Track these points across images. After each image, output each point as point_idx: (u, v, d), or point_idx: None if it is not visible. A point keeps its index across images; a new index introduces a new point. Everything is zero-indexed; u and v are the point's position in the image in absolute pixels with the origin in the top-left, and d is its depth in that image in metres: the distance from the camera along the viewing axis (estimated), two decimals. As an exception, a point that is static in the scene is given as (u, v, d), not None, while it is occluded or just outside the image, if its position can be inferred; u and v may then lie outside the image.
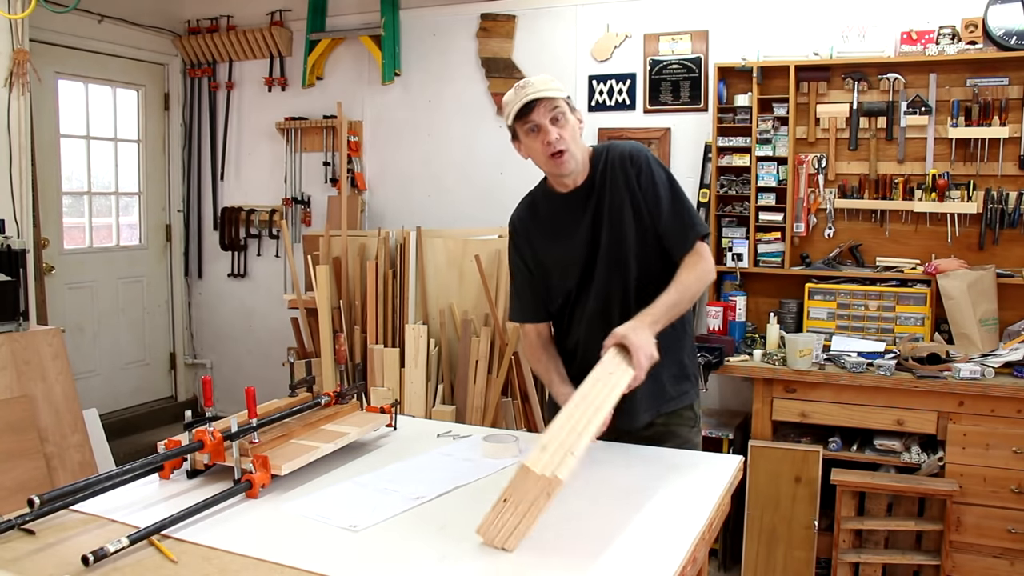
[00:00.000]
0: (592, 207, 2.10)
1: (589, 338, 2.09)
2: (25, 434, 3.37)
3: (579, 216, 2.12)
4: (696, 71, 4.15)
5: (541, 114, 1.99)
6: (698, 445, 2.21)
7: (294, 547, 1.46)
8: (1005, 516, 3.17)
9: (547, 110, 1.99)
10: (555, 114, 2.00)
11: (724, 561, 3.73)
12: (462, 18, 4.67)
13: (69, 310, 4.90)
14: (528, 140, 2.04)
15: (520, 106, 1.99)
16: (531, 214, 2.21)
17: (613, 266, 2.09)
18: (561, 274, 2.16)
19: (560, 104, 2.01)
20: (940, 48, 3.58)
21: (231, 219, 5.36)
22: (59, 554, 1.42)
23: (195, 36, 5.34)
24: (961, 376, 3.18)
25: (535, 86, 2.01)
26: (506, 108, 2.05)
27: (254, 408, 1.81)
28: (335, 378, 4.10)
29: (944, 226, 3.66)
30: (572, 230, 2.13)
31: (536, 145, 2.03)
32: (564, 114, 2.02)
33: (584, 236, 2.11)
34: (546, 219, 2.18)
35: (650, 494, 1.73)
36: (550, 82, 2.03)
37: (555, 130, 2.00)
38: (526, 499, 1.43)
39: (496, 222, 4.40)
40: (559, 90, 2.03)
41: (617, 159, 2.10)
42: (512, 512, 1.44)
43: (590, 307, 2.12)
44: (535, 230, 2.19)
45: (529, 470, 1.41)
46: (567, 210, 2.14)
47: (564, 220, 2.14)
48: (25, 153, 3.78)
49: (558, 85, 2.04)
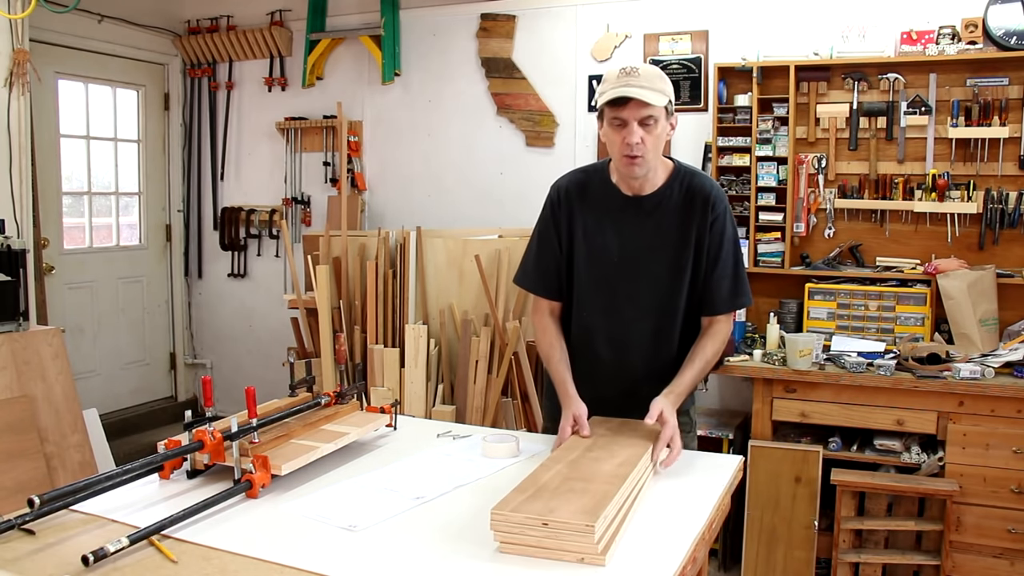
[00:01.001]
0: (654, 221, 2.07)
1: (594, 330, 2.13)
2: (25, 434, 3.37)
3: (637, 222, 2.08)
4: (696, 71, 4.15)
5: (632, 112, 1.92)
6: (693, 449, 2.21)
7: (294, 547, 1.46)
8: (1005, 516, 3.17)
9: (640, 109, 1.91)
10: (646, 116, 1.93)
11: (724, 561, 3.73)
12: (462, 18, 4.67)
13: (69, 310, 4.90)
14: (610, 130, 1.97)
15: (614, 96, 1.90)
16: (580, 191, 2.13)
17: (651, 284, 2.09)
18: (589, 264, 2.12)
19: (655, 111, 1.92)
20: (940, 48, 3.58)
21: (231, 219, 5.36)
22: (59, 554, 1.42)
23: (195, 36, 5.34)
24: (961, 376, 3.18)
25: (639, 80, 1.91)
26: (602, 86, 1.95)
27: (254, 408, 1.80)
28: (335, 378, 4.10)
29: (944, 226, 3.66)
30: (623, 230, 2.09)
31: (616, 139, 1.97)
32: (656, 120, 1.94)
33: (635, 243, 2.08)
34: (596, 204, 2.11)
35: (649, 494, 1.73)
36: (655, 80, 1.93)
37: (639, 132, 1.93)
38: (559, 543, 1.39)
39: (496, 222, 4.41)
40: (662, 92, 1.93)
41: (699, 194, 2.06)
42: (539, 535, 1.40)
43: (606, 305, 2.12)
44: (581, 208, 2.12)
45: (592, 530, 1.37)
46: (623, 209, 2.09)
47: (617, 216, 2.09)
48: (25, 153, 3.78)
49: (663, 85, 1.95)
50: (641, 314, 2.11)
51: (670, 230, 2.06)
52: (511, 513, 1.42)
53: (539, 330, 2.20)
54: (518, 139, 4.61)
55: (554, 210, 2.15)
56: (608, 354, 2.15)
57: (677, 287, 2.09)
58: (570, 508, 1.44)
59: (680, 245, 2.07)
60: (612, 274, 2.10)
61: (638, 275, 2.09)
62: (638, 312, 2.11)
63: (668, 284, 2.09)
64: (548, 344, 2.15)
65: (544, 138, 4.53)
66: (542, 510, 1.43)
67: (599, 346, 2.15)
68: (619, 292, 2.11)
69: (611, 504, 1.46)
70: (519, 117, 4.58)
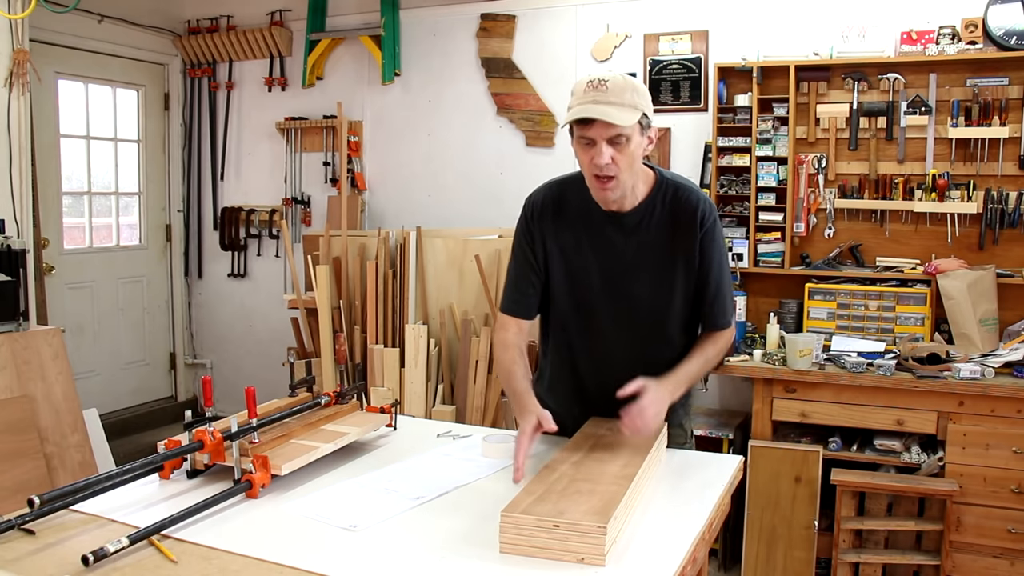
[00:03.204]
0: (636, 240, 1.93)
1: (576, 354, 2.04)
2: (25, 434, 3.37)
3: (618, 240, 1.94)
4: (696, 71, 4.15)
5: (599, 131, 1.76)
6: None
7: (294, 547, 1.46)
8: (1005, 516, 3.17)
9: (607, 128, 1.75)
10: (615, 135, 1.76)
11: (724, 561, 3.73)
12: (462, 18, 4.67)
13: (69, 310, 4.90)
14: (579, 149, 1.82)
15: (578, 117, 1.76)
16: (556, 207, 1.97)
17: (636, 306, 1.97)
18: (568, 286, 1.99)
19: (625, 129, 1.75)
20: (940, 48, 3.58)
21: (231, 219, 5.36)
22: (59, 554, 1.42)
23: (195, 36, 5.34)
24: (961, 376, 3.18)
25: (607, 95, 1.74)
26: (570, 100, 1.80)
27: (254, 408, 1.80)
28: (335, 378, 4.11)
29: (944, 226, 3.66)
30: (603, 250, 1.95)
31: (584, 159, 1.82)
32: (628, 138, 1.77)
33: (617, 264, 1.94)
34: (573, 221, 1.96)
35: (650, 494, 1.73)
36: (626, 94, 1.75)
37: (609, 152, 1.76)
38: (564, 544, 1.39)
39: (496, 222, 4.40)
40: (632, 107, 1.76)
41: (686, 209, 1.92)
42: (547, 536, 1.39)
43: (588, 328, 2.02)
44: (558, 226, 1.97)
45: (604, 531, 1.37)
46: (603, 227, 1.94)
47: (596, 235, 1.94)
48: (25, 153, 3.78)
49: (635, 99, 1.77)
50: (626, 337, 1.99)
51: (655, 249, 1.93)
52: (521, 515, 1.42)
53: (501, 346, 2.02)
54: (518, 139, 4.61)
55: (529, 227, 2.00)
56: (592, 378, 2.04)
57: (664, 308, 1.98)
58: (580, 509, 1.44)
59: (667, 264, 1.95)
60: (593, 298, 1.98)
61: (621, 297, 1.96)
62: (622, 335, 1.99)
63: (654, 306, 1.97)
64: (511, 360, 1.97)
65: (544, 138, 4.53)
66: (552, 512, 1.43)
67: (582, 370, 2.06)
68: (602, 315, 1.99)
69: (620, 505, 1.47)
70: (519, 117, 4.58)
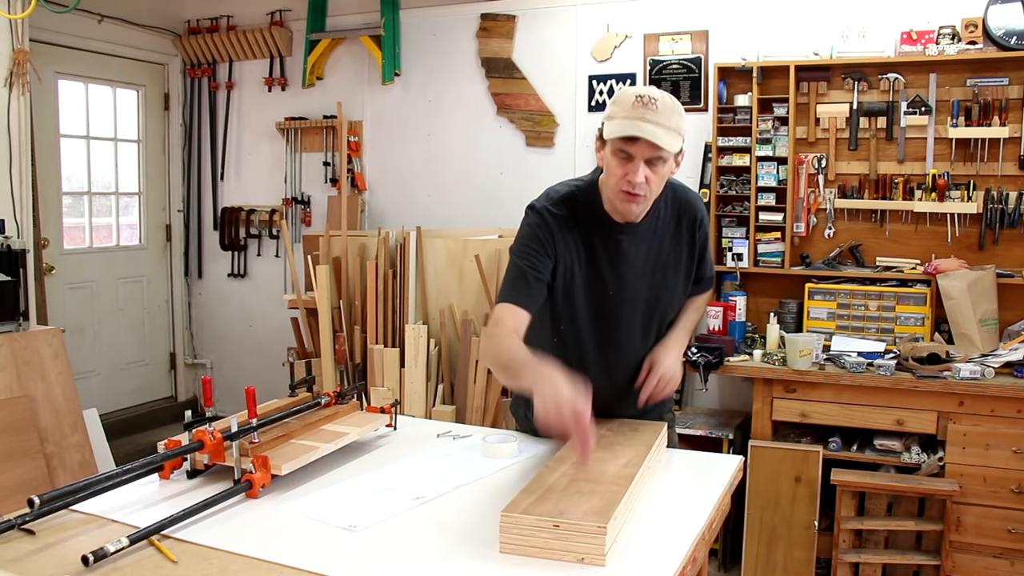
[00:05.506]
0: (645, 246, 1.99)
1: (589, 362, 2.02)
2: (25, 434, 3.37)
3: (630, 249, 1.97)
4: (696, 71, 4.15)
5: (642, 149, 1.77)
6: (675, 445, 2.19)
7: (294, 547, 1.46)
8: (1005, 516, 3.17)
9: (650, 148, 1.77)
10: (655, 156, 1.79)
11: (724, 561, 3.73)
12: (462, 18, 4.67)
13: (69, 310, 4.90)
14: (612, 160, 1.82)
15: (627, 134, 1.76)
16: (571, 217, 1.95)
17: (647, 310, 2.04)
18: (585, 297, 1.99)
19: (665, 153, 1.79)
20: (940, 48, 3.58)
21: (231, 219, 5.37)
22: (59, 554, 1.42)
23: (195, 36, 5.34)
24: (961, 376, 3.18)
25: (656, 115, 1.75)
26: (613, 109, 1.81)
27: (254, 408, 1.80)
28: (335, 378, 4.11)
29: (944, 226, 3.66)
30: (616, 259, 1.97)
31: (617, 171, 1.82)
32: (665, 161, 1.81)
33: (629, 272, 1.98)
34: (586, 232, 1.96)
35: (650, 494, 1.73)
36: (673, 117, 1.77)
37: (644, 171, 1.79)
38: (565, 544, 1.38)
39: (496, 222, 4.41)
40: (677, 132, 1.78)
41: (687, 213, 2.03)
42: (548, 536, 1.39)
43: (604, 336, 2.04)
44: (572, 236, 1.95)
45: (604, 531, 1.36)
46: (616, 236, 1.96)
47: (610, 245, 1.96)
48: (25, 153, 3.78)
49: (679, 123, 1.79)
50: (637, 337, 2.05)
51: (661, 253, 2.01)
52: (521, 515, 1.42)
53: (500, 335, 1.84)
54: (518, 139, 4.61)
55: (541, 235, 1.93)
56: (601, 379, 1.99)
57: (672, 304, 2.09)
58: (580, 509, 1.43)
59: (673, 265, 2.04)
60: (609, 306, 2.00)
61: (634, 303, 2.01)
62: (634, 335, 2.05)
63: (662, 306, 2.06)
64: (511, 347, 1.79)
65: (544, 138, 4.53)
66: (552, 512, 1.42)
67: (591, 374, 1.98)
68: (617, 324, 2.02)
69: (620, 505, 1.47)
70: (519, 117, 4.58)
